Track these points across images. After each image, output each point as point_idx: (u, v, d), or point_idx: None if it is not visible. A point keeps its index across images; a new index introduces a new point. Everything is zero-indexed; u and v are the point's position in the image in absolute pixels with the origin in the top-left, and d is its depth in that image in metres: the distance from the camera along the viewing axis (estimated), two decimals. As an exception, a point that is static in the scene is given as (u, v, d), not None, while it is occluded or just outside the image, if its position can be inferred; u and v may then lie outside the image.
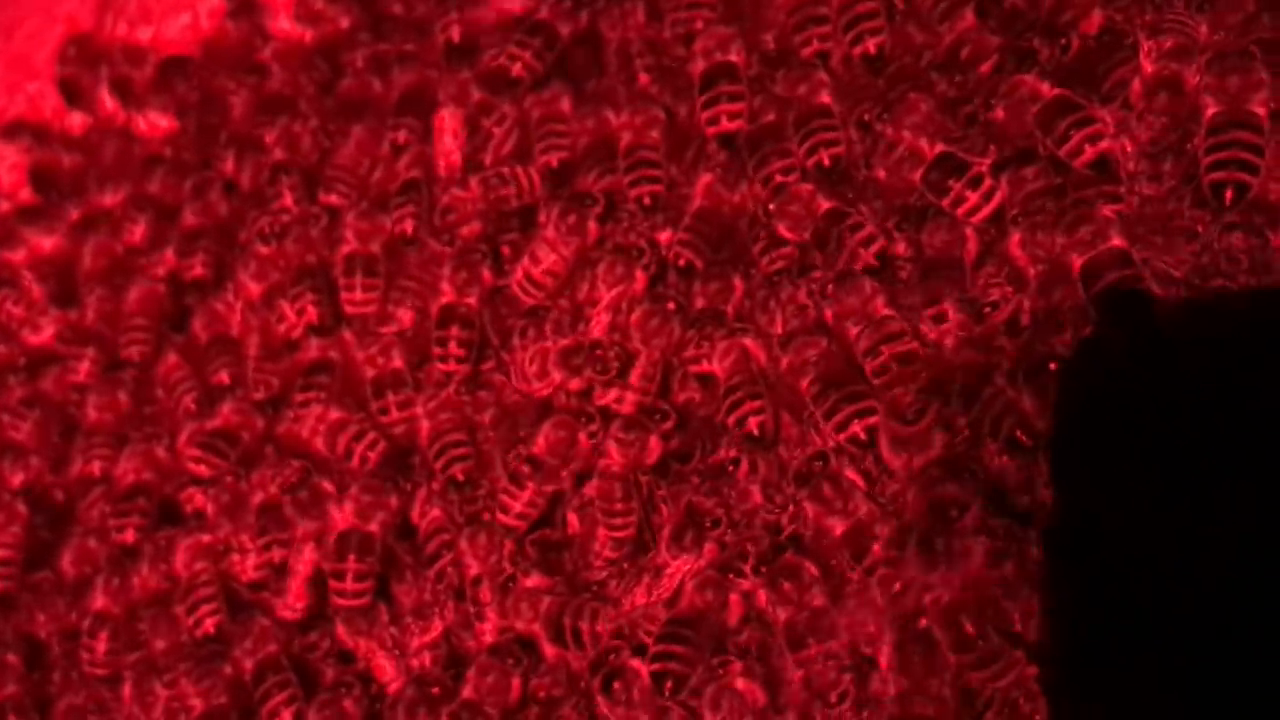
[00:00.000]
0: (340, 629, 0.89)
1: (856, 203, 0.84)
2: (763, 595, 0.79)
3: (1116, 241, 0.73)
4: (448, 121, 0.99)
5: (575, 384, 0.89)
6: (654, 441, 0.84)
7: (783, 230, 0.85)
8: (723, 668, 0.78)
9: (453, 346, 0.92)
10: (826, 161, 0.85)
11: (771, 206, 0.86)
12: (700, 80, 0.89)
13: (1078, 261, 0.74)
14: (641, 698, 0.79)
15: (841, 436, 0.78)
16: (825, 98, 0.86)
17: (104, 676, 0.95)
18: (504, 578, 0.85)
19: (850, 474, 0.79)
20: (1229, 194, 0.72)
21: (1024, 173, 0.80)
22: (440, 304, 0.94)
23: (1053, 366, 0.75)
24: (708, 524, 0.82)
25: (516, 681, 0.83)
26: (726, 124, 0.89)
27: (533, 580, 0.85)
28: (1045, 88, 0.79)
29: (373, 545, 0.89)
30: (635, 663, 0.80)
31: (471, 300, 0.93)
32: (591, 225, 0.92)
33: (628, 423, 0.85)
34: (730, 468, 0.83)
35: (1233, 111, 0.72)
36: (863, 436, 0.78)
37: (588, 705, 0.81)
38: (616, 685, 0.79)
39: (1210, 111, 0.72)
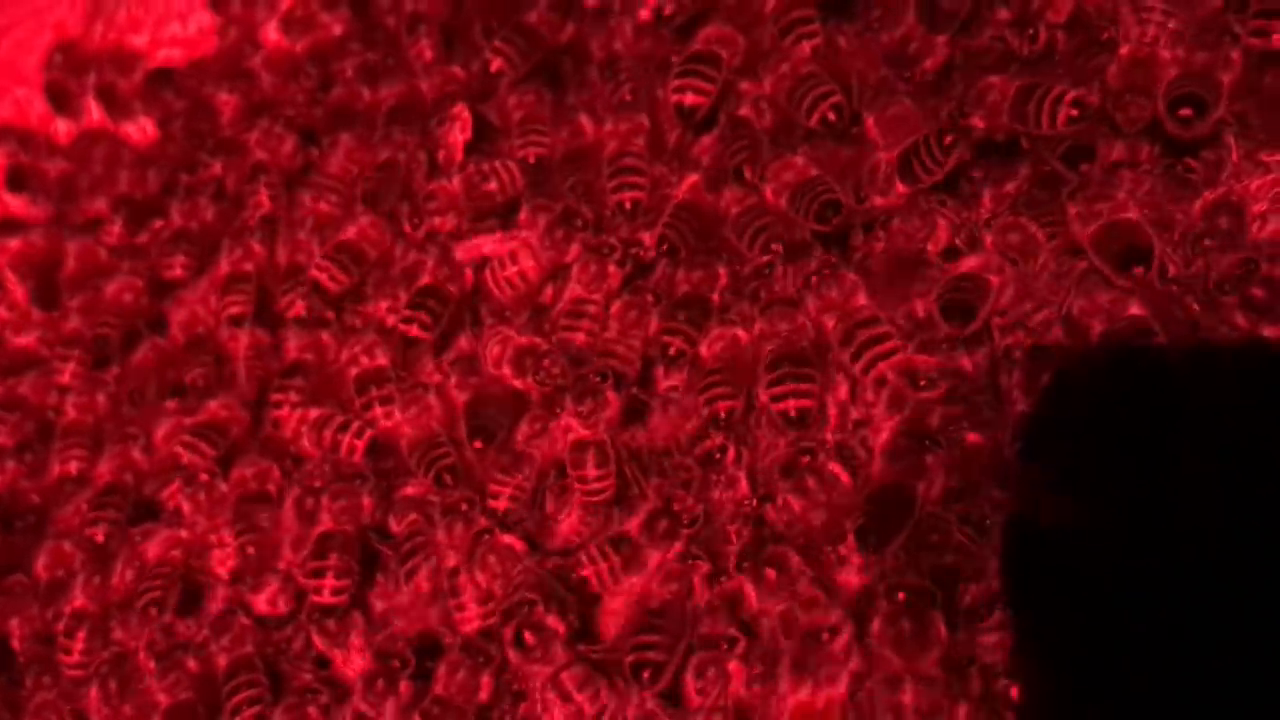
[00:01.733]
0: (316, 638, 0.88)
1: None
2: (750, 592, 0.78)
3: (1132, 214, 0.74)
4: (463, 114, 1.00)
5: (518, 384, 0.90)
6: (610, 397, 0.85)
7: (769, 194, 0.87)
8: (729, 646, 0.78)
9: (423, 314, 0.93)
10: (832, 116, 0.86)
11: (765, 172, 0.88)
12: (683, 57, 0.91)
13: (1085, 232, 0.75)
14: (552, 652, 0.79)
15: (774, 407, 0.80)
16: (810, 68, 0.88)
17: (81, 677, 0.93)
18: (479, 531, 0.85)
19: (834, 467, 0.79)
20: (1186, 111, 0.74)
21: (1006, 189, 0.82)
22: (419, 284, 0.95)
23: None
24: (685, 520, 0.82)
25: (487, 679, 0.82)
26: (691, 98, 0.90)
27: (509, 539, 0.85)
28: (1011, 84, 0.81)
29: (353, 545, 0.88)
30: (550, 619, 0.80)
31: (452, 289, 0.94)
32: (575, 247, 0.93)
33: (578, 393, 0.85)
34: (718, 455, 0.83)
35: (1190, 75, 0.74)
36: (792, 414, 0.79)
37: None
38: (528, 637, 0.79)
39: (1170, 76, 0.75)
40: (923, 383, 0.77)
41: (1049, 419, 0.76)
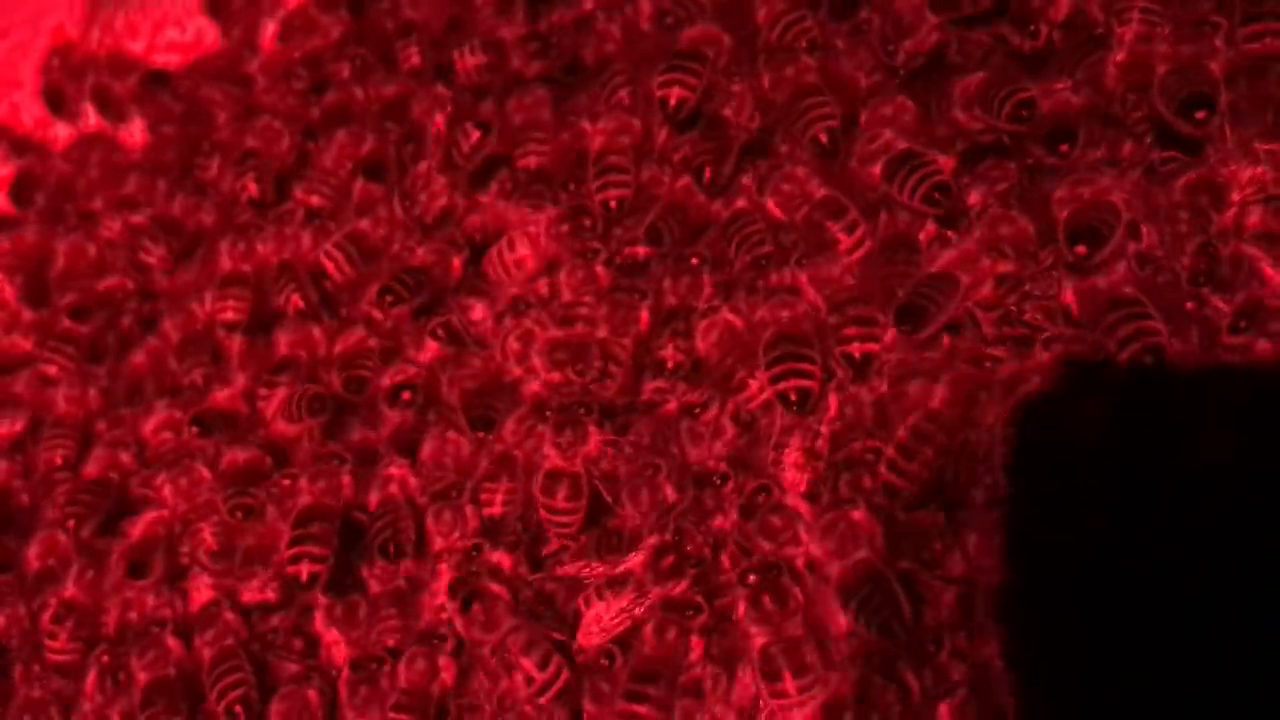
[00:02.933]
0: (319, 617, 0.88)
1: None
2: (740, 609, 0.77)
3: (1115, 197, 0.75)
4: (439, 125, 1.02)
5: (555, 376, 0.89)
6: (590, 430, 0.85)
7: (771, 207, 0.87)
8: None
9: (399, 288, 0.94)
10: (823, 138, 0.86)
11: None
12: (668, 55, 0.92)
13: (1063, 213, 0.76)
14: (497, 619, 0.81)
15: (771, 389, 0.79)
16: (812, 78, 0.88)
17: (63, 663, 0.94)
18: (471, 545, 0.85)
19: (792, 501, 0.79)
20: (1200, 114, 0.74)
21: (998, 190, 0.82)
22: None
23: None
24: (693, 560, 0.80)
25: (447, 661, 0.82)
26: (677, 92, 0.91)
27: (498, 555, 0.85)
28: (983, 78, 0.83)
29: (334, 516, 0.88)
30: (494, 587, 0.82)
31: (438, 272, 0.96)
32: (576, 244, 0.93)
33: (559, 422, 0.85)
34: (717, 480, 0.82)
35: (1184, 72, 0.75)
36: (793, 398, 0.79)
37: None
38: (475, 607, 0.82)
39: (1161, 71, 0.76)
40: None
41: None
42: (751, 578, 0.77)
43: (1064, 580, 0.73)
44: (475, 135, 0.98)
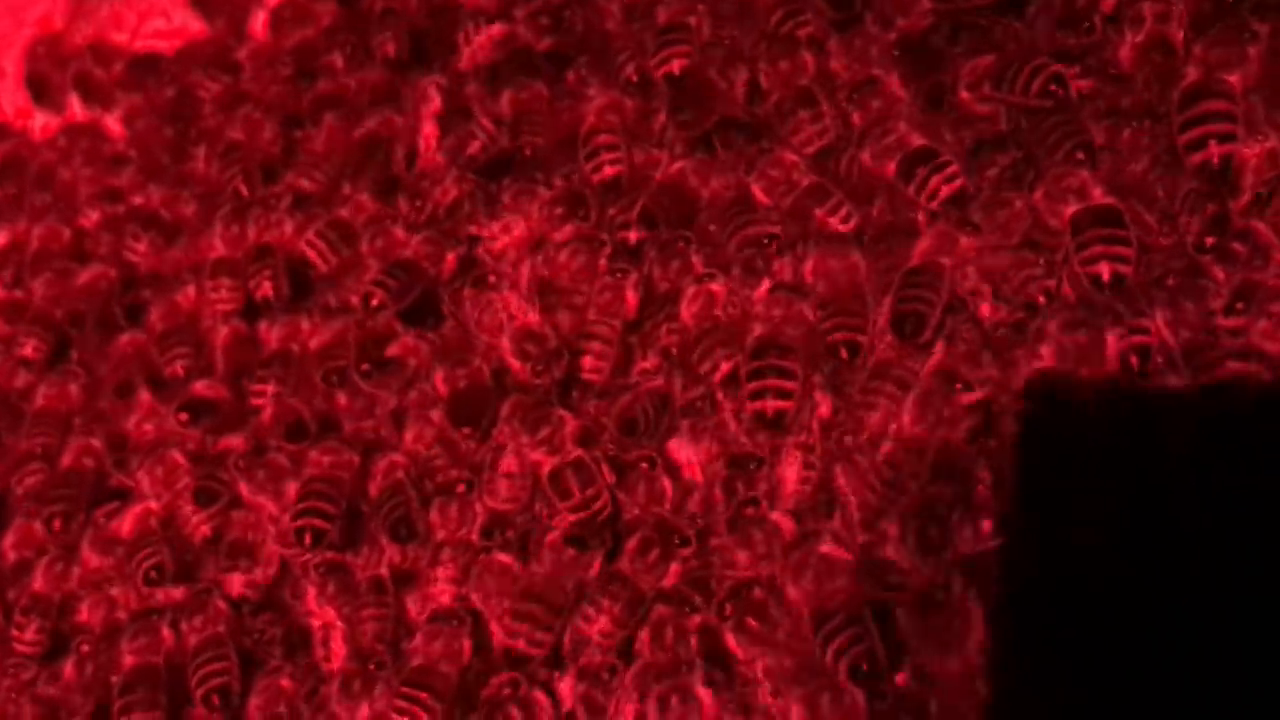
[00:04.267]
0: (312, 592, 0.87)
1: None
2: (731, 641, 0.76)
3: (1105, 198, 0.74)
4: (430, 91, 1.01)
5: (515, 365, 0.88)
6: (563, 415, 0.84)
7: (758, 192, 0.86)
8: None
9: (389, 281, 0.93)
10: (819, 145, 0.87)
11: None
12: (655, 32, 0.94)
13: (1068, 211, 0.75)
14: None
15: (750, 405, 0.78)
16: (806, 80, 0.89)
17: (31, 654, 0.92)
18: (477, 549, 0.84)
19: (777, 516, 0.78)
20: (1216, 165, 0.73)
21: (988, 175, 0.81)
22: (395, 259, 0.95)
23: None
24: (676, 541, 0.80)
25: (467, 643, 0.81)
26: (678, 64, 0.92)
27: (504, 557, 0.83)
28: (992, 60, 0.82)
29: (342, 484, 0.87)
30: None
31: (430, 268, 0.94)
32: (569, 229, 0.92)
33: (532, 424, 0.84)
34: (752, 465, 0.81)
35: (1205, 82, 0.74)
36: (769, 415, 0.78)
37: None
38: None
39: (1187, 81, 0.75)
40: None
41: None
42: (729, 608, 0.76)
43: (1056, 593, 0.72)
44: (492, 130, 0.97)
